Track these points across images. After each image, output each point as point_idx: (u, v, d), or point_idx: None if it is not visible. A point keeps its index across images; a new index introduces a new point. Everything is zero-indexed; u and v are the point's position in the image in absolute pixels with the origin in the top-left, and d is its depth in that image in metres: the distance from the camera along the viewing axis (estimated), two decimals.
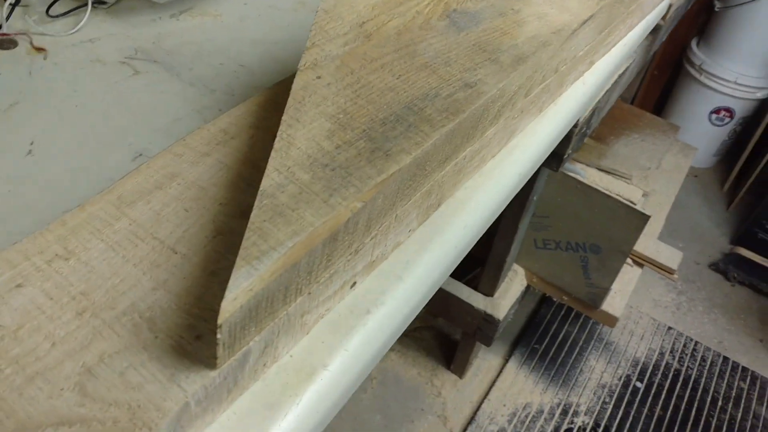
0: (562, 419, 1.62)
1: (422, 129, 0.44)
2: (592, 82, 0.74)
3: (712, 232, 2.35)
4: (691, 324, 1.97)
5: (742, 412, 1.73)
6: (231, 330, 0.33)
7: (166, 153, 0.45)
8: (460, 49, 0.52)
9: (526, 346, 1.78)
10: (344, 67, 0.47)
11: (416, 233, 0.51)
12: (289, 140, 0.41)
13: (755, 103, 2.42)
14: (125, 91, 0.58)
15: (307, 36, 0.70)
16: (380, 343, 0.45)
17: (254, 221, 0.36)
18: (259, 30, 0.71)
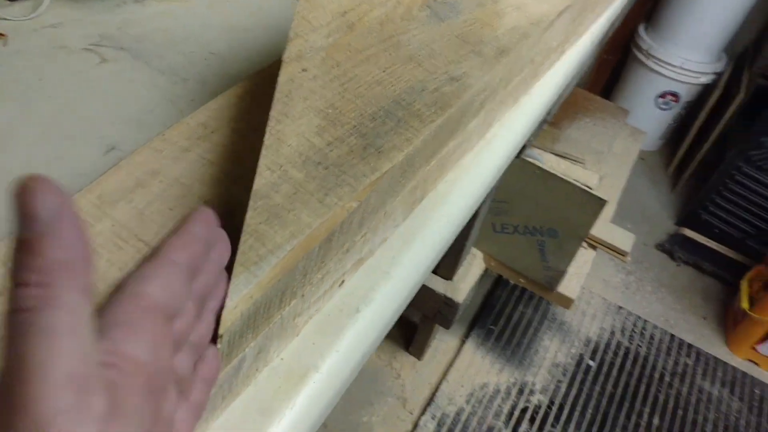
0: (518, 398, 1.65)
1: (412, 125, 0.43)
2: (563, 71, 0.75)
3: (658, 213, 2.42)
4: (640, 303, 2.03)
5: (687, 387, 1.80)
6: (230, 339, 0.32)
7: (146, 149, 0.43)
8: (443, 40, 0.52)
9: (483, 327, 1.81)
10: (330, 59, 0.46)
11: (401, 228, 0.50)
12: (279, 136, 0.40)
13: (699, 87, 2.50)
14: (93, 80, 0.56)
15: (279, 24, 0.68)
16: (370, 341, 0.45)
17: (250, 223, 0.35)
18: (229, 16, 0.68)
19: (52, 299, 0.19)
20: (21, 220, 0.20)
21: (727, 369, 1.89)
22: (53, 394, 0.18)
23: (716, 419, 1.73)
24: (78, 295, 0.20)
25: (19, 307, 0.19)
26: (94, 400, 0.20)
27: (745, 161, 2.12)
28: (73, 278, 0.20)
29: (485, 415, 1.59)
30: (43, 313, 0.19)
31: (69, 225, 0.20)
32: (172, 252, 0.26)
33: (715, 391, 1.81)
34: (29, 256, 0.19)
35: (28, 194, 0.19)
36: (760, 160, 2.09)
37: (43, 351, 0.19)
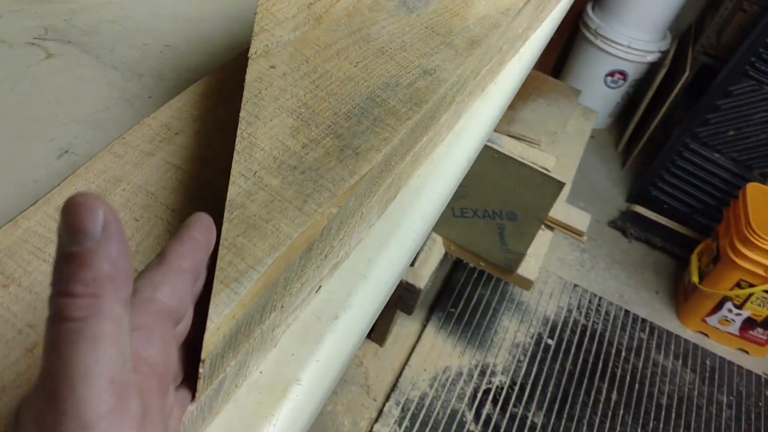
0: (480, 380, 1.66)
1: (389, 123, 0.42)
2: (527, 57, 0.74)
3: (609, 190, 2.46)
4: (595, 280, 2.07)
5: (642, 360, 1.85)
6: (212, 361, 0.30)
7: (105, 154, 0.41)
8: (413, 32, 0.50)
9: (443, 310, 1.81)
10: (298, 54, 0.44)
11: (375, 227, 0.49)
12: (251, 140, 0.37)
13: (646, 66, 2.54)
14: (39, 77, 0.52)
15: (235, 13, 0.65)
16: (350, 347, 0.43)
17: (227, 236, 0.33)
18: (182, 6, 0.65)
19: (99, 310, 0.21)
20: (71, 234, 0.20)
21: (679, 342, 1.94)
22: (98, 399, 0.20)
23: (671, 391, 1.78)
24: (121, 306, 0.21)
25: (67, 316, 0.20)
26: (132, 404, 0.21)
27: (692, 138, 2.17)
28: (117, 290, 0.21)
29: (449, 399, 1.60)
30: (91, 323, 0.20)
31: (116, 240, 0.21)
32: (179, 259, 0.27)
33: (669, 363, 1.86)
34: (79, 268, 0.20)
35: (79, 210, 0.20)
36: (705, 136, 2.15)
37: (91, 358, 0.20)
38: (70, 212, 0.20)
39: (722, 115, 2.08)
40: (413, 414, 1.54)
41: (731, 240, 1.80)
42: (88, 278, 0.20)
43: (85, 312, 0.20)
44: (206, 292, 0.31)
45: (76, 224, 0.20)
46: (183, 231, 0.29)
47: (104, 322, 0.21)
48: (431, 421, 1.54)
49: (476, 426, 1.56)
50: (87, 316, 0.20)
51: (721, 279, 1.84)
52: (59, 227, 0.21)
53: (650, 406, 1.73)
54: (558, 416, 1.64)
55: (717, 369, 1.89)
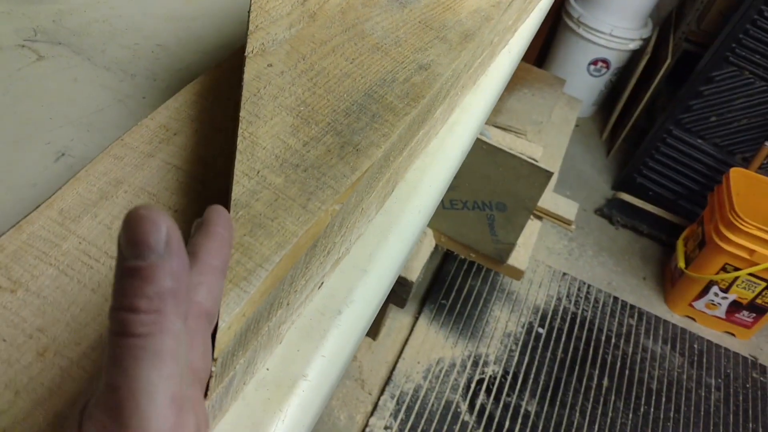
0: (473, 370, 1.68)
1: (387, 119, 0.42)
2: (516, 49, 0.75)
3: (595, 178, 2.48)
4: (583, 268, 2.09)
5: (632, 346, 1.87)
6: (224, 360, 0.30)
7: (105, 156, 0.41)
8: (407, 27, 0.50)
9: (434, 302, 1.82)
10: (295, 52, 0.44)
11: (374, 222, 0.49)
12: (253, 139, 0.38)
13: (629, 53, 2.56)
14: (31, 79, 0.52)
15: (226, 11, 0.65)
16: (354, 341, 0.43)
17: (233, 236, 0.33)
18: (173, 4, 0.65)
19: (163, 326, 0.21)
20: (133, 248, 0.21)
21: (667, 326, 1.96)
22: (161, 416, 0.20)
23: (660, 375, 1.81)
24: (181, 320, 0.22)
25: (131, 332, 0.20)
26: (188, 419, 0.22)
27: (675, 124, 2.19)
28: (179, 306, 0.21)
29: (443, 390, 1.61)
30: (155, 339, 0.21)
31: (178, 255, 0.21)
32: (210, 258, 0.27)
33: (658, 348, 1.89)
34: (142, 283, 0.21)
35: (142, 223, 0.21)
36: (689, 122, 2.17)
37: (154, 374, 0.20)
38: (133, 225, 0.21)
39: (704, 102, 2.10)
40: (408, 406, 1.55)
41: (716, 225, 1.82)
42: (151, 293, 0.21)
43: (149, 329, 0.20)
44: None
45: (140, 238, 0.21)
46: (208, 226, 0.28)
47: (167, 338, 0.21)
48: (426, 413, 1.55)
49: (471, 416, 1.58)
50: (151, 333, 0.20)
51: (706, 263, 1.86)
52: (120, 238, 0.21)
53: (641, 391, 1.75)
54: (551, 404, 1.65)
55: (705, 352, 1.92)
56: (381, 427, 1.50)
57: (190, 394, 0.23)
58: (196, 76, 0.50)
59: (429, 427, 1.53)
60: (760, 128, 2.07)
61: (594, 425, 1.64)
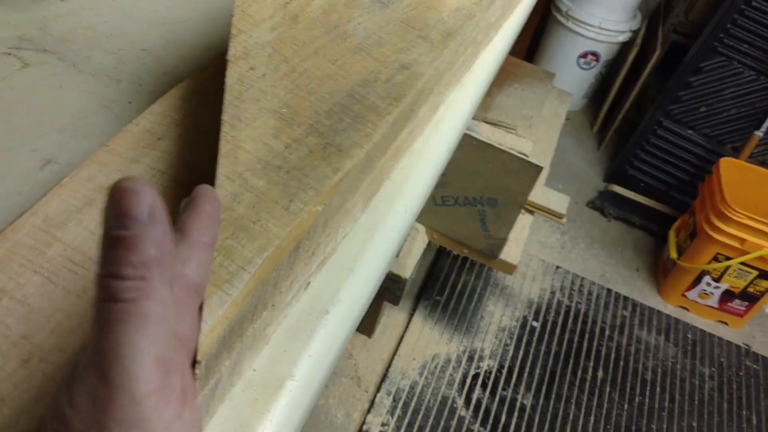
0: (469, 365, 1.68)
1: (369, 119, 0.42)
2: (501, 45, 0.75)
3: (586, 171, 2.49)
4: (576, 261, 2.09)
5: (626, 337, 1.88)
6: (208, 363, 0.31)
7: (90, 162, 0.41)
8: (389, 27, 0.51)
9: (429, 299, 1.82)
10: (277, 55, 0.44)
11: (360, 222, 0.49)
12: (235, 143, 0.38)
13: (618, 46, 2.56)
14: (16, 87, 0.52)
15: (210, 14, 0.65)
16: (341, 341, 0.44)
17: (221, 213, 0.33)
18: (157, 9, 0.65)
19: (148, 292, 0.22)
20: (118, 219, 0.21)
21: (661, 317, 1.97)
22: (147, 376, 0.21)
23: (655, 366, 1.82)
24: (166, 287, 0.22)
25: (118, 297, 0.21)
26: (175, 380, 0.23)
27: (665, 116, 2.20)
28: (163, 273, 0.22)
29: (439, 386, 1.61)
30: (140, 304, 0.21)
31: (161, 223, 0.22)
32: (199, 234, 0.28)
33: (652, 339, 1.90)
34: (127, 251, 0.21)
35: (126, 195, 0.21)
36: (678, 113, 2.18)
37: (140, 337, 0.21)
38: (117, 197, 0.21)
39: (694, 92, 2.11)
40: (405, 403, 1.56)
41: (707, 215, 1.83)
42: (136, 261, 0.21)
43: (135, 294, 0.21)
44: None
45: (124, 209, 0.21)
46: (196, 203, 0.29)
47: (152, 304, 0.22)
48: (422, 409, 1.56)
49: (467, 411, 1.58)
50: (136, 298, 0.21)
51: (698, 254, 1.87)
52: (105, 210, 0.22)
53: (635, 382, 1.76)
54: (546, 397, 1.66)
55: (698, 342, 1.93)
56: (378, 424, 1.51)
57: (176, 358, 0.23)
58: (182, 80, 0.51)
59: (426, 423, 1.54)
60: (749, 118, 2.08)
61: (590, 417, 1.65)
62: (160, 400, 0.22)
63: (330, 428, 1.49)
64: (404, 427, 1.52)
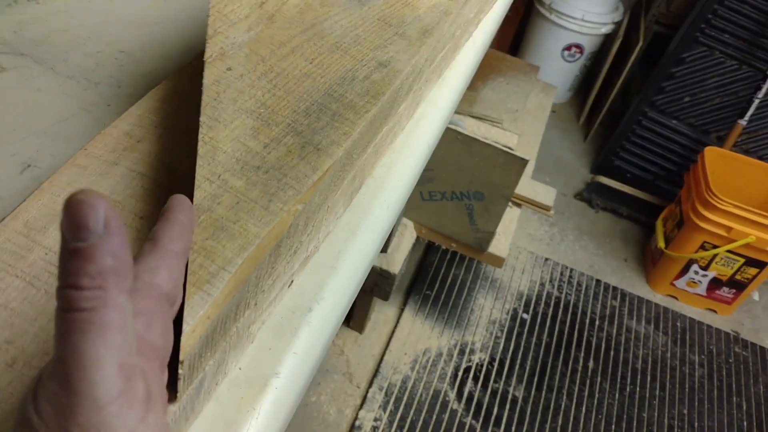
0: (460, 359, 1.69)
1: (347, 117, 0.43)
2: (481, 40, 0.75)
3: (573, 163, 2.50)
4: (565, 253, 2.10)
5: (616, 327, 1.89)
6: (191, 362, 0.31)
7: (69, 166, 0.41)
8: (366, 25, 0.51)
9: (419, 293, 1.83)
10: (254, 55, 0.44)
11: (343, 219, 0.50)
12: (213, 144, 0.38)
13: (601, 38, 2.58)
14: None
15: (188, 14, 0.65)
16: (326, 337, 0.44)
17: (196, 240, 0.33)
18: (134, 9, 0.65)
19: (106, 300, 0.22)
20: (74, 231, 0.22)
21: (650, 306, 1.99)
22: (109, 382, 0.22)
23: (645, 355, 1.83)
24: (125, 296, 0.23)
25: (76, 307, 0.22)
26: (137, 385, 0.23)
27: (650, 106, 2.21)
28: (121, 282, 0.23)
29: (430, 380, 1.62)
30: (99, 313, 0.22)
31: (117, 234, 0.22)
32: (171, 243, 0.28)
33: (642, 328, 1.91)
34: (84, 262, 0.22)
35: (80, 207, 0.22)
36: (663, 104, 2.19)
37: (99, 345, 0.22)
38: (73, 210, 0.22)
39: (677, 82, 2.12)
40: (397, 397, 1.56)
41: (693, 204, 1.84)
42: (93, 272, 0.22)
43: (93, 303, 0.22)
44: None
45: (79, 221, 0.22)
46: (169, 213, 0.30)
47: (110, 312, 0.22)
48: (415, 403, 1.56)
49: (459, 404, 1.59)
50: (94, 307, 0.22)
51: (685, 242, 1.89)
52: (61, 224, 0.22)
53: (626, 371, 1.78)
54: (538, 388, 1.67)
55: (687, 330, 1.95)
56: (371, 420, 1.52)
57: (140, 364, 0.24)
58: (161, 81, 0.51)
59: (418, 417, 1.54)
60: (732, 107, 2.09)
61: (581, 407, 1.66)
62: (123, 405, 0.22)
63: (322, 425, 1.50)
64: (397, 421, 1.52)
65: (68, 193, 0.39)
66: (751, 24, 1.94)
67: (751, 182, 1.99)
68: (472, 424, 1.56)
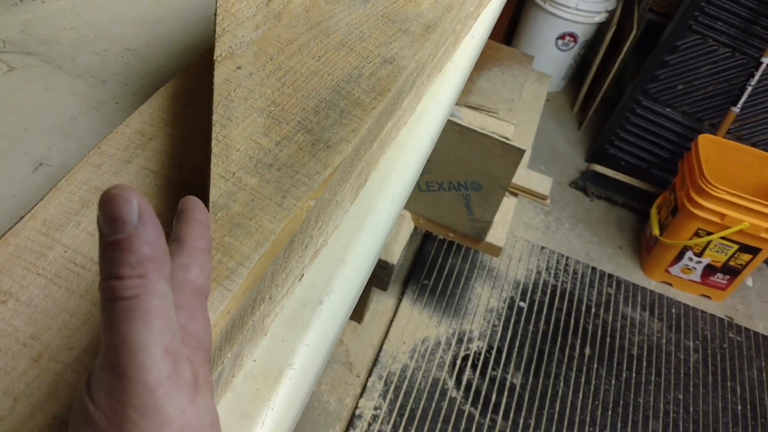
0: (458, 347, 1.71)
1: (355, 114, 0.44)
2: (480, 33, 0.76)
3: (568, 152, 2.51)
4: (560, 241, 2.12)
5: (612, 314, 1.92)
6: (212, 356, 0.32)
7: (83, 165, 0.42)
8: (370, 21, 0.52)
9: (416, 283, 1.85)
10: (262, 53, 0.45)
11: (350, 213, 0.51)
12: (226, 142, 0.39)
13: (595, 26, 2.58)
14: (4, 91, 0.53)
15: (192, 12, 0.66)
16: (336, 329, 0.45)
17: (214, 237, 0.34)
18: (138, 7, 0.65)
19: (147, 288, 0.23)
20: (110, 224, 0.23)
21: (645, 293, 2.01)
22: (158, 365, 0.23)
23: (641, 341, 1.85)
24: (165, 282, 0.24)
25: (120, 296, 0.23)
26: (184, 369, 0.24)
27: (643, 94, 2.22)
28: (160, 269, 0.24)
29: (429, 368, 1.64)
30: (141, 300, 0.23)
31: (151, 224, 0.23)
32: (195, 240, 0.29)
33: (637, 315, 1.93)
34: (123, 253, 0.23)
35: (115, 201, 0.23)
36: (656, 92, 2.20)
37: (146, 330, 0.23)
38: (108, 204, 0.23)
39: (671, 71, 2.13)
40: (396, 386, 1.58)
41: (687, 191, 1.86)
42: (132, 261, 0.23)
43: (135, 291, 0.23)
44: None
45: (115, 215, 0.23)
46: (187, 213, 0.31)
47: (153, 298, 0.23)
48: (414, 392, 1.58)
49: (458, 392, 1.61)
50: (137, 294, 0.23)
51: (680, 230, 1.91)
52: (98, 219, 0.23)
53: (622, 358, 1.80)
54: (535, 375, 1.69)
55: (682, 316, 1.97)
56: (371, 408, 1.53)
57: (185, 351, 0.25)
58: (167, 78, 0.51)
59: (417, 405, 1.56)
60: (725, 94, 2.11)
61: (578, 393, 1.68)
62: (172, 386, 0.23)
63: (323, 414, 1.51)
64: (396, 410, 1.54)
65: (84, 192, 0.40)
66: (744, 11, 1.95)
67: (744, 169, 2.01)
68: (471, 411, 1.58)
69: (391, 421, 1.52)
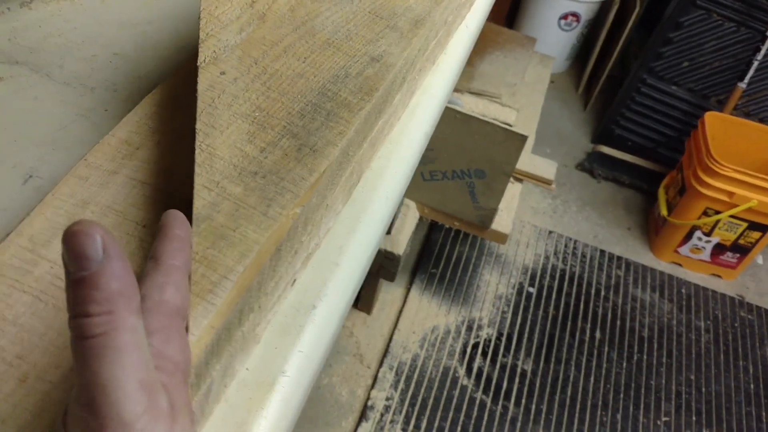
0: (468, 335, 1.71)
1: (342, 116, 0.43)
2: (474, 23, 0.75)
3: (573, 133, 2.49)
4: (568, 224, 2.11)
5: (621, 297, 1.90)
6: (198, 371, 0.32)
7: (70, 178, 0.42)
8: (357, 19, 0.51)
9: (425, 272, 1.84)
10: (246, 57, 0.45)
11: (342, 214, 0.50)
12: (210, 151, 0.39)
13: (598, 5, 2.55)
14: None
15: (181, 12, 0.65)
16: (331, 333, 0.45)
17: (197, 250, 0.34)
18: (125, 10, 0.65)
19: (116, 323, 0.23)
20: (75, 261, 0.23)
21: (654, 274, 2.00)
22: (133, 400, 0.23)
23: (651, 323, 1.84)
24: (134, 316, 0.24)
25: (89, 334, 0.23)
26: (161, 400, 0.24)
27: (648, 73, 2.19)
28: (129, 303, 0.23)
29: (440, 357, 1.64)
30: (111, 336, 0.23)
31: (117, 258, 0.23)
32: (172, 259, 0.29)
33: (647, 296, 1.92)
34: (89, 290, 0.23)
35: (77, 238, 0.23)
36: (661, 70, 2.18)
37: (117, 367, 0.22)
38: (71, 242, 0.23)
39: (675, 47, 2.11)
40: (407, 376, 1.58)
41: (694, 170, 1.84)
42: (99, 298, 0.23)
43: (104, 328, 0.23)
44: None
45: (79, 252, 0.23)
46: (166, 229, 0.30)
47: (123, 333, 0.23)
48: (425, 381, 1.58)
49: (469, 380, 1.61)
50: (106, 331, 0.23)
51: (688, 209, 1.89)
52: (63, 256, 0.23)
53: (633, 340, 1.79)
54: (546, 361, 1.69)
55: (693, 296, 1.96)
56: (383, 399, 1.53)
57: (161, 379, 0.25)
58: (156, 83, 0.51)
59: (429, 394, 1.56)
60: (732, 70, 2.08)
61: (590, 377, 1.68)
62: (149, 420, 0.23)
63: (335, 406, 1.52)
64: (408, 399, 1.54)
65: (71, 206, 0.40)
66: None
67: (752, 146, 1.98)
68: (483, 398, 1.58)
69: (403, 411, 1.52)
